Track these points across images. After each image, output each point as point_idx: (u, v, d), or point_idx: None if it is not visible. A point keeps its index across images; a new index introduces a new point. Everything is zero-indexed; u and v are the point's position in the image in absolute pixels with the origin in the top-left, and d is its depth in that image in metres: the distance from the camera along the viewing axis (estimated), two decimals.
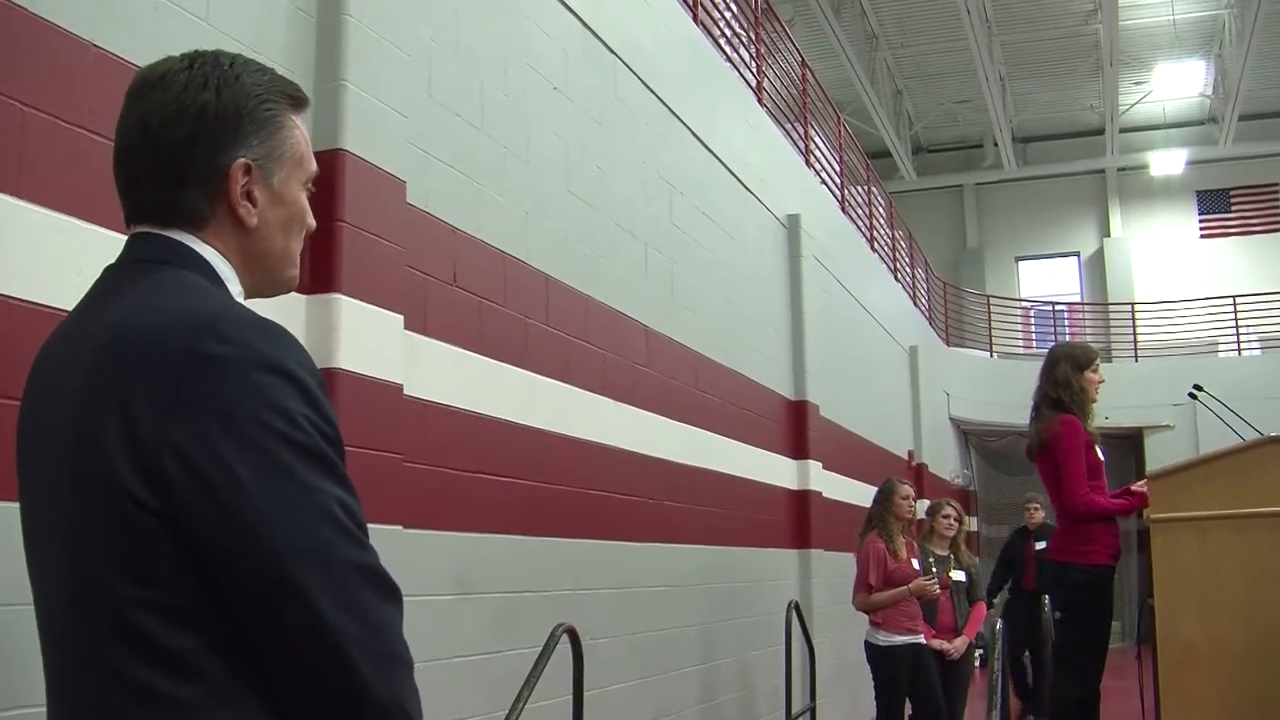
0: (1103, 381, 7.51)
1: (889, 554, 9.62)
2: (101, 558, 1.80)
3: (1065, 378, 7.34)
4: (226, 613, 1.78)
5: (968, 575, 10.36)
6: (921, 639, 9.63)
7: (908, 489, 10.00)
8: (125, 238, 3.78)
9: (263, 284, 2.12)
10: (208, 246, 2.01)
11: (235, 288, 2.04)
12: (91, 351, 1.88)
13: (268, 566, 1.75)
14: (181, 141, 1.97)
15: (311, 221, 2.17)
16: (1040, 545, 13.21)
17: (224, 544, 1.76)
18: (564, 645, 6.04)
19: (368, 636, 1.79)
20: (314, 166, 2.17)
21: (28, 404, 2.03)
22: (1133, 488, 7.26)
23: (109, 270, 2.07)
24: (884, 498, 9.95)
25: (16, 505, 2.02)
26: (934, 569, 10.01)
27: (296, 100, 2.13)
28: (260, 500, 1.75)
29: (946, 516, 10.43)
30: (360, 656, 1.78)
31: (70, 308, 3.68)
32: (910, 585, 9.47)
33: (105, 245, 3.99)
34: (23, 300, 3.70)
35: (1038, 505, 14.75)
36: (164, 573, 1.77)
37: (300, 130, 2.13)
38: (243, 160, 2.01)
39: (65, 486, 1.85)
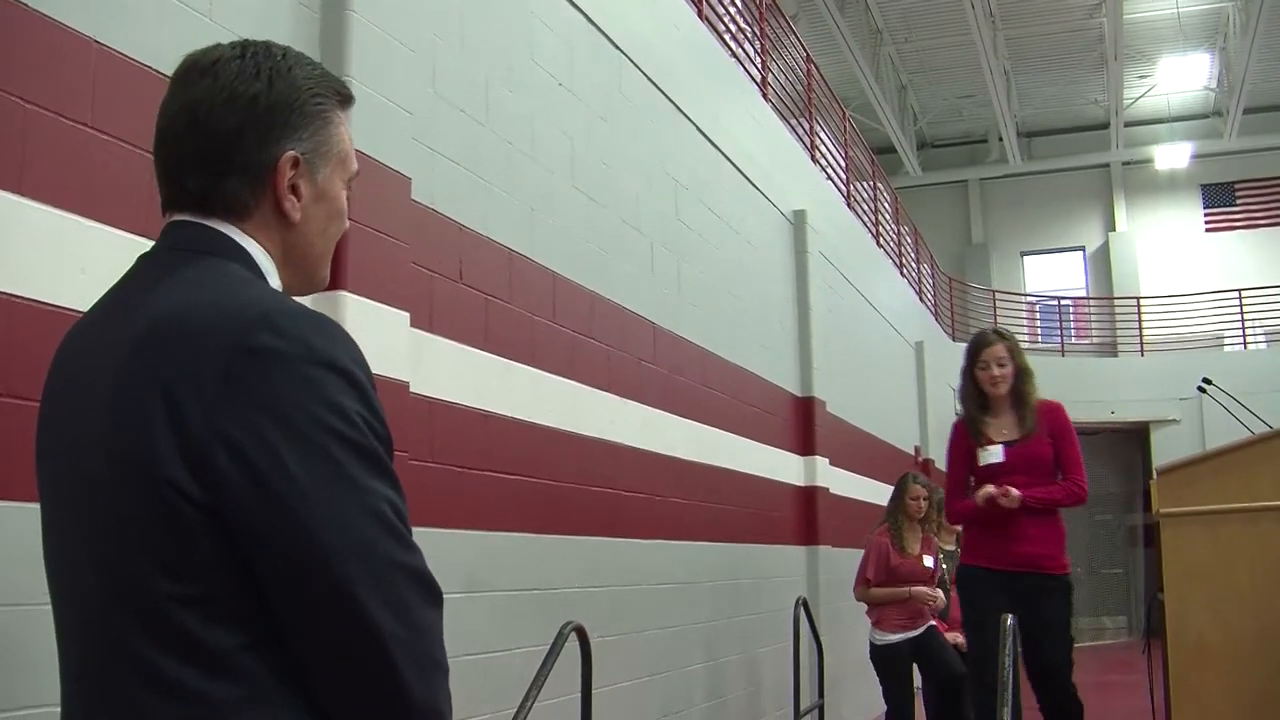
0: (991, 374, 7.17)
1: (893, 549, 9.69)
2: (138, 550, 1.76)
3: (962, 377, 7.54)
4: (265, 611, 1.76)
5: None
6: (918, 632, 9.69)
7: (920, 488, 9.96)
8: (128, 235, 3.76)
9: (297, 282, 2.09)
10: (249, 238, 1.98)
11: (275, 282, 2.01)
12: (130, 340, 1.83)
13: (316, 564, 1.72)
14: (230, 130, 1.94)
15: (347, 222, 2.15)
16: None
17: (273, 539, 1.73)
18: (572, 643, 6.02)
19: (412, 639, 1.77)
20: (355, 165, 2.14)
21: (52, 397, 2.00)
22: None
23: (144, 258, 2.02)
24: (898, 494, 10.04)
25: (14, 505, 2.00)
26: (945, 567, 9.98)
27: (344, 97, 2.11)
28: (312, 497, 1.73)
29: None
30: (403, 659, 1.76)
31: (74, 306, 3.71)
32: (912, 590, 9.58)
33: (109, 243, 3.98)
34: (26, 299, 3.68)
35: None
36: (205, 567, 1.74)
37: (346, 128, 2.12)
38: (291, 153, 1.98)
39: (99, 477, 1.81)
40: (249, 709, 1.74)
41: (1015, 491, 6.85)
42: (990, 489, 6.92)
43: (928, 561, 9.83)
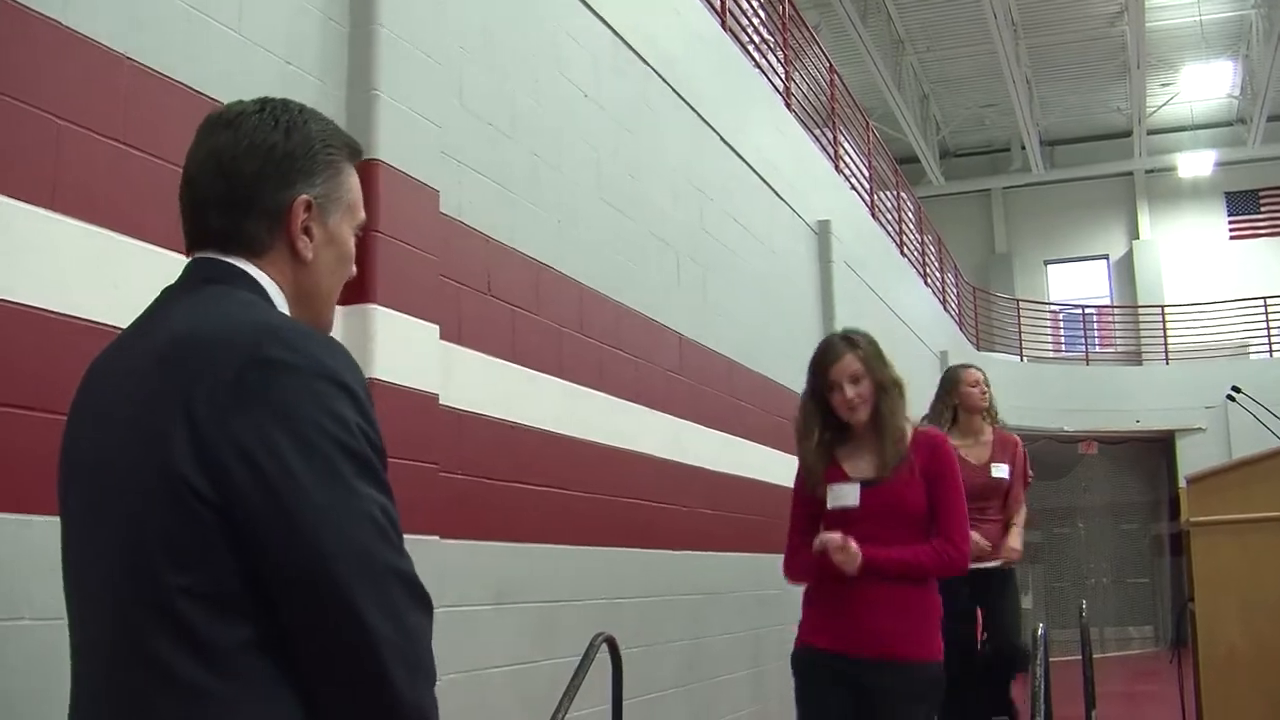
0: (844, 397, 5.17)
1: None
2: (153, 546, 1.87)
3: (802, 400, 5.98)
4: (271, 611, 1.85)
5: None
6: (984, 565, 7.57)
7: (976, 373, 8.19)
8: (159, 250, 3.79)
9: (305, 319, 2.20)
10: (264, 274, 2.12)
11: (286, 313, 2.14)
12: (153, 355, 1.98)
13: (314, 564, 1.83)
14: (251, 175, 2.10)
15: (354, 269, 2.29)
16: None
17: (274, 537, 1.84)
18: (603, 654, 6.02)
19: (402, 643, 1.87)
20: (364, 215, 2.31)
21: (79, 412, 2.13)
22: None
23: (167, 289, 2.16)
24: (948, 386, 8.21)
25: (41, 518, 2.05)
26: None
27: (355, 151, 2.29)
28: (314, 499, 1.84)
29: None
30: (393, 661, 1.85)
31: (106, 321, 3.73)
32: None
33: (141, 258, 4.00)
34: (60, 314, 3.71)
35: None
36: (216, 565, 1.84)
37: (355, 179, 2.28)
38: (305, 197, 2.14)
39: (120, 480, 1.93)
40: (251, 706, 1.85)
41: (854, 546, 4.88)
42: (829, 536, 4.95)
43: (998, 471, 7.88)
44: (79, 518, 2.04)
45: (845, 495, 5.13)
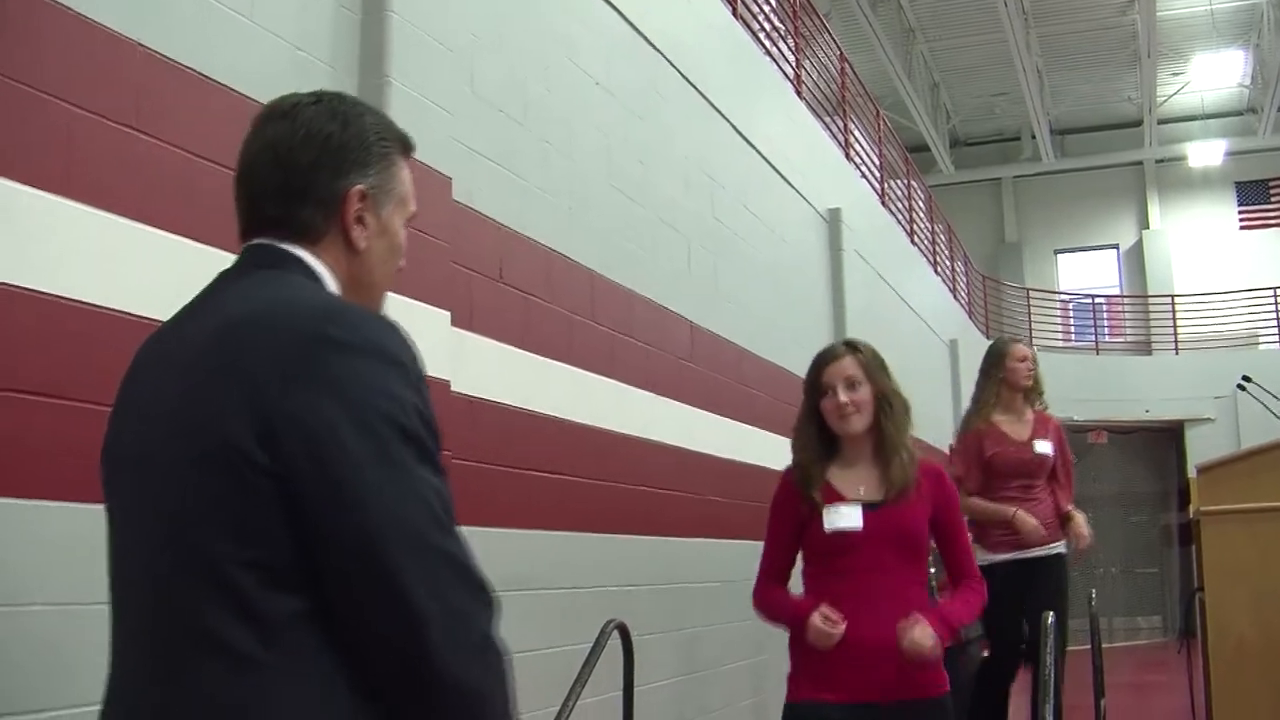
0: (837, 401, 4.64)
1: (989, 435, 7.53)
2: (207, 516, 1.88)
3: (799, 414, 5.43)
4: (318, 582, 1.87)
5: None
6: (1034, 553, 7.35)
7: (1025, 349, 7.89)
8: (172, 236, 3.80)
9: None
10: (318, 260, 2.16)
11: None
12: (208, 333, 2.00)
13: (365, 542, 1.84)
14: (307, 164, 2.14)
15: (404, 261, 2.32)
16: None
17: (326, 514, 1.85)
18: (614, 641, 6.03)
19: (450, 622, 1.87)
20: (414, 208, 2.34)
21: (127, 401, 2.15)
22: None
23: (222, 274, 2.19)
24: (994, 360, 7.85)
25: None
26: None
27: (407, 145, 2.32)
28: (369, 478, 1.85)
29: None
30: (439, 640, 1.86)
31: (114, 306, 3.74)
32: (1014, 515, 7.22)
33: (155, 244, 4.01)
34: (72, 300, 3.71)
35: None
36: (271, 536, 1.86)
37: (407, 172, 2.31)
38: (360, 186, 2.18)
39: (174, 452, 1.94)
40: (297, 677, 1.86)
41: (839, 628, 4.36)
42: (822, 621, 4.37)
43: (1041, 448, 7.54)
44: (127, 506, 2.06)
45: (846, 517, 4.53)
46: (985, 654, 7.97)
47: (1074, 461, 8.00)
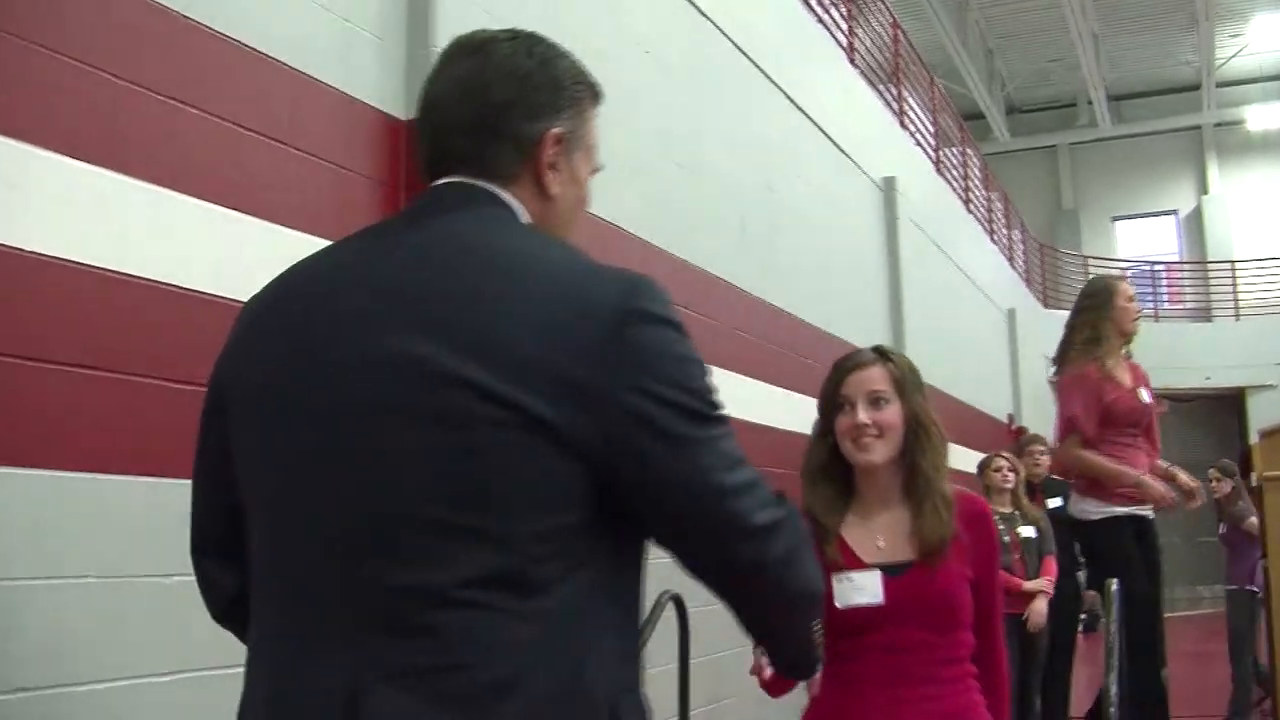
0: (854, 421, 3.48)
1: (1106, 381, 6.81)
2: (426, 479, 1.79)
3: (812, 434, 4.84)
4: (591, 556, 1.88)
5: (1036, 530, 8.90)
6: (1147, 512, 6.83)
7: (1131, 287, 7.23)
8: (217, 207, 3.78)
9: None
10: (516, 201, 2.05)
11: None
12: (456, 277, 1.89)
13: (709, 501, 1.88)
14: (502, 102, 2.04)
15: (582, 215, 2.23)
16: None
17: (672, 486, 1.87)
18: (669, 612, 6.00)
19: (793, 570, 1.98)
20: (600, 161, 2.22)
21: (294, 332, 1.96)
22: None
23: (410, 211, 2.12)
24: (1101, 299, 7.02)
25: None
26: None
27: (597, 94, 2.20)
28: (710, 446, 1.89)
29: (999, 470, 8.83)
30: (787, 579, 1.98)
31: (163, 279, 3.73)
32: (1141, 480, 6.64)
33: (198, 216, 4.00)
34: (121, 273, 3.71)
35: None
36: (557, 498, 1.82)
37: (595, 123, 2.20)
38: (557, 130, 2.07)
39: (413, 402, 1.82)
40: (560, 629, 1.84)
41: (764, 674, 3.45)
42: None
43: (1145, 397, 7.01)
44: (290, 461, 1.91)
45: (861, 590, 3.34)
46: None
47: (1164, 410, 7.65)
